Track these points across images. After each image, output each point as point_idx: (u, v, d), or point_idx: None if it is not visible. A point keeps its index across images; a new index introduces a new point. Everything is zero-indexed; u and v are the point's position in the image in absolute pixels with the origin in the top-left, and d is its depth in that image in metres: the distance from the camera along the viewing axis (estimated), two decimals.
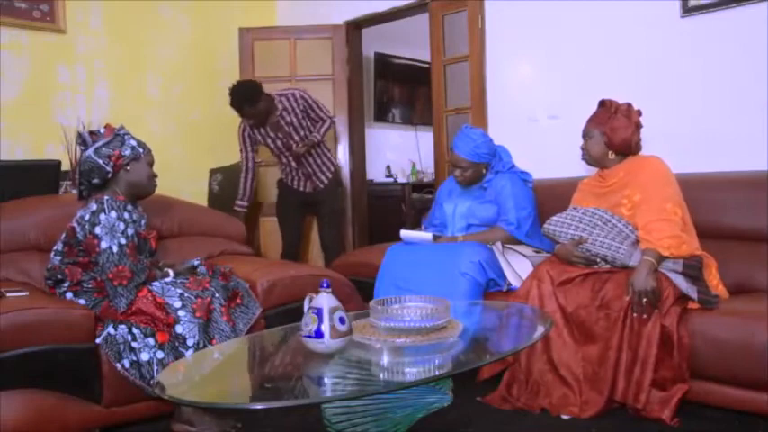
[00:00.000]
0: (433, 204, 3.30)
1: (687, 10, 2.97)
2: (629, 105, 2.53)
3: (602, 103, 2.59)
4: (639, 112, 2.53)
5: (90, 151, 2.29)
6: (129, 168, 2.35)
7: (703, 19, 2.93)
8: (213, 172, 4.40)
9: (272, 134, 3.75)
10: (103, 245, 2.22)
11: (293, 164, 3.84)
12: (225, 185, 4.23)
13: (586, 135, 2.59)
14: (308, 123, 3.74)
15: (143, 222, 2.44)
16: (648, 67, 3.10)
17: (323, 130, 3.74)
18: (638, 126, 2.52)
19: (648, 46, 3.10)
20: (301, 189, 3.92)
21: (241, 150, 3.84)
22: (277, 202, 4.11)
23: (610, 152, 2.54)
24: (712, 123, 2.91)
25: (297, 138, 3.73)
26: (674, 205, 2.35)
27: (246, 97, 3.56)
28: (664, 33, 3.05)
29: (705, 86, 2.94)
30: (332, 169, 3.91)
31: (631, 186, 2.45)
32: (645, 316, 2.18)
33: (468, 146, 2.93)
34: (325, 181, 3.90)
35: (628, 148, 2.52)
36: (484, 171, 3.00)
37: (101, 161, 2.29)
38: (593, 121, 2.58)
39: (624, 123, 2.49)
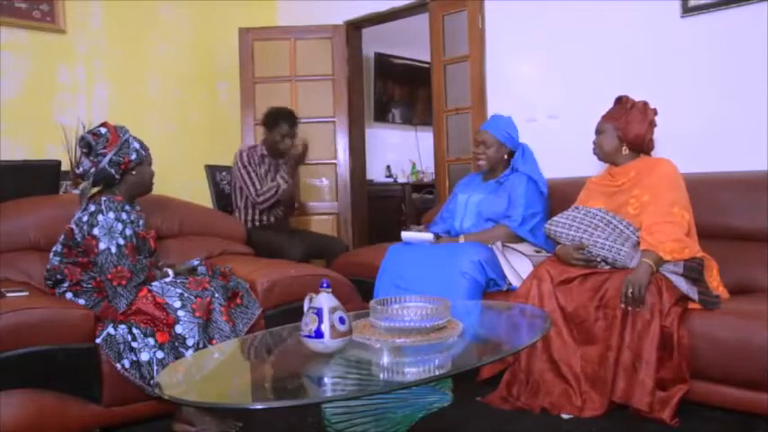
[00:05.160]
0: (448, 198, 3.30)
1: (687, 10, 2.97)
2: (645, 103, 2.53)
3: (619, 100, 2.58)
4: (655, 111, 2.53)
5: (104, 163, 2.29)
6: (134, 173, 2.37)
7: (703, 19, 2.93)
8: (219, 170, 4.04)
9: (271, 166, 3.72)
10: (102, 246, 2.22)
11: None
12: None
13: (599, 130, 2.59)
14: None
15: (141, 222, 2.43)
16: (648, 66, 3.10)
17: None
18: (653, 124, 2.52)
19: (648, 46, 3.10)
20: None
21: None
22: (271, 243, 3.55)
23: (623, 147, 2.54)
24: (712, 123, 2.91)
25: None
26: (681, 209, 2.34)
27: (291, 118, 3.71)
28: (664, 33, 3.05)
29: (705, 86, 2.94)
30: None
31: (640, 187, 2.44)
32: (630, 309, 2.18)
33: (498, 123, 3.04)
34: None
35: (641, 144, 2.52)
36: (505, 156, 3.02)
37: (112, 170, 2.31)
38: (607, 116, 2.59)
39: (639, 118, 2.49)
